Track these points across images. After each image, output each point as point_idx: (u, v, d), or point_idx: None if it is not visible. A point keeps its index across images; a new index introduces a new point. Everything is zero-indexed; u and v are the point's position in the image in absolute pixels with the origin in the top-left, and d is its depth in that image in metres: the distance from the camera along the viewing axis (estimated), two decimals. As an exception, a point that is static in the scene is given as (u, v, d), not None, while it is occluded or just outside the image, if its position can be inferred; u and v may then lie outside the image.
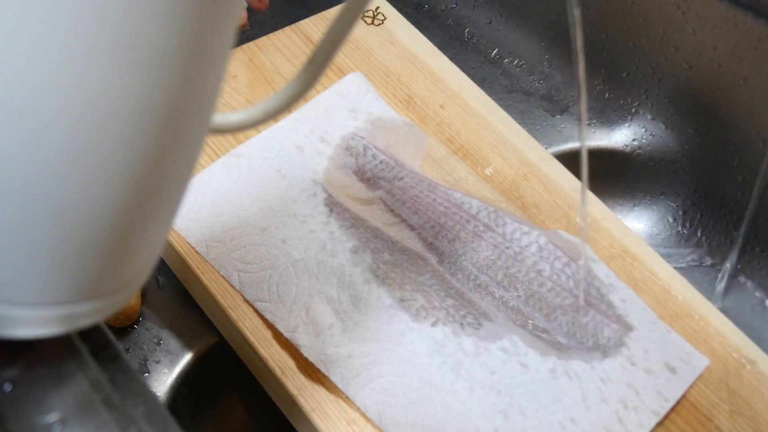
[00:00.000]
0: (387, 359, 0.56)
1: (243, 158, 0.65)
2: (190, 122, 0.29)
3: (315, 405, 0.55)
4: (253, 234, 0.61)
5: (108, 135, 0.27)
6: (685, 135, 0.79)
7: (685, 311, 0.63)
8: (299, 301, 0.58)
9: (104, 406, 0.31)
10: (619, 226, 0.67)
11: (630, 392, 0.57)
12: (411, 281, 0.59)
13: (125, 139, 0.27)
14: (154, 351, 0.63)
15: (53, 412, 0.31)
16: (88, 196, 0.28)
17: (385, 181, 0.66)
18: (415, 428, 0.54)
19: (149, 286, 0.66)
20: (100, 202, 0.28)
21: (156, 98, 0.27)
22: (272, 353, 0.57)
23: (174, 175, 0.31)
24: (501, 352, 0.57)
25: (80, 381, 0.32)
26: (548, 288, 0.61)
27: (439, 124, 0.72)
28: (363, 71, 0.74)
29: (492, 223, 0.64)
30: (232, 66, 0.73)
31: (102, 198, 0.28)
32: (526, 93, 0.85)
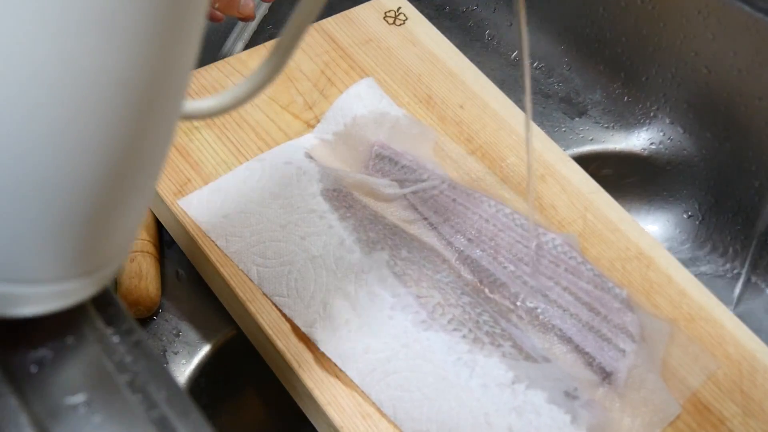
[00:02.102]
0: (403, 355, 0.57)
1: (266, 162, 0.66)
2: (163, 97, 0.31)
3: (331, 398, 0.56)
4: (273, 230, 0.62)
5: (85, 109, 0.28)
6: (703, 139, 0.79)
7: (700, 314, 0.63)
8: (317, 296, 0.59)
9: (128, 389, 0.32)
10: (636, 228, 0.68)
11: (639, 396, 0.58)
12: (428, 278, 0.60)
13: (102, 112, 0.28)
14: (173, 342, 0.63)
15: (78, 394, 0.32)
16: (69, 170, 0.29)
17: (407, 182, 0.67)
18: (429, 424, 0.54)
19: (169, 278, 0.67)
20: (80, 175, 0.29)
21: (130, 73, 0.28)
22: (289, 346, 0.57)
23: (149, 150, 0.32)
24: (515, 350, 0.57)
25: (105, 364, 0.33)
26: (563, 287, 0.61)
27: (458, 124, 0.72)
28: (383, 70, 0.75)
29: (511, 222, 0.65)
30: (254, 62, 0.73)
31: (82, 171, 0.29)
32: (545, 95, 0.85)
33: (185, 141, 0.67)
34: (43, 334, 0.33)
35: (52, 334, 0.33)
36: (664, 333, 0.61)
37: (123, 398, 0.32)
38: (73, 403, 0.31)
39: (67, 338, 0.33)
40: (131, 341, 0.34)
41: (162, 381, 0.33)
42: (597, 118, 0.84)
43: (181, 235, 0.64)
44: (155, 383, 0.33)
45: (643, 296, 0.64)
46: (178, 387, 0.33)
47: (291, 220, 0.62)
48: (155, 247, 0.66)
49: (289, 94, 0.72)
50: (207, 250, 0.61)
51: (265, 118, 0.70)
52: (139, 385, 0.32)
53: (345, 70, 0.74)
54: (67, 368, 0.32)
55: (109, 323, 0.34)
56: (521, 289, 0.61)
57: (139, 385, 0.32)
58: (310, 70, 0.74)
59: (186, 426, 0.32)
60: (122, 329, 0.34)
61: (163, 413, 0.32)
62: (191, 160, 0.66)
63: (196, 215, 0.63)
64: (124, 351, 0.33)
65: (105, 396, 0.32)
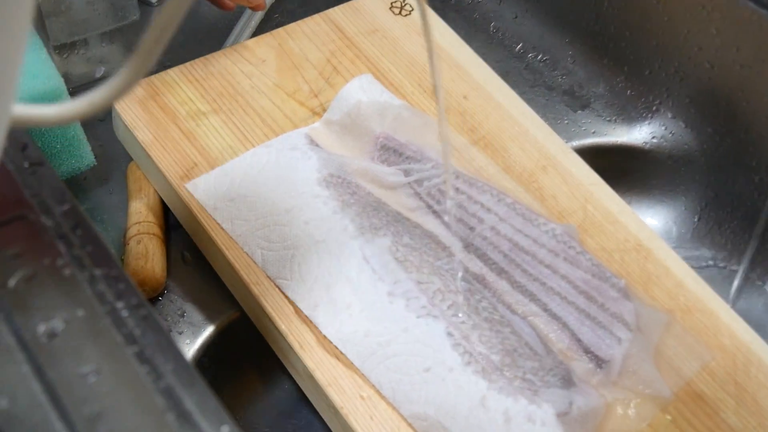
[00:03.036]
0: (402, 339, 0.58)
1: (272, 148, 0.67)
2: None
3: (331, 380, 0.57)
4: (278, 214, 0.63)
5: None
6: (705, 134, 0.80)
7: (696, 306, 0.64)
8: (320, 280, 0.60)
9: (137, 360, 0.33)
10: (635, 220, 0.68)
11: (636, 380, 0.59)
12: (429, 265, 0.61)
13: None
14: (178, 323, 0.64)
15: (89, 364, 0.33)
16: None
17: (411, 171, 0.68)
18: (427, 406, 0.55)
19: (175, 260, 0.68)
20: None
21: None
22: (292, 328, 0.58)
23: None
24: (514, 336, 0.58)
25: (115, 336, 0.34)
26: (562, 275, 0.62)
27: (462, 114, 0.73)
28: (389, 60, 0.76)
29: (512, 212, 0.66)
30: (261, 50, 0.74)
31: None
32: (549, 88, 0.86)
33: (192, 126, 0.68)
34: (55, 307, 0.34)
35: (64, 306, 0.34)
36: (660, 323, 0.62)
37: (131, 369, 0.33)
38: (83, 372, 0.32)
39: (78, 311, 0.34)
40: (139, 315, 0.35)
41: (169, 354, 0.34)
42: (600, 111, 0.85)
43: (186, 217, 0.65)
44: (162, 356, 0.34)
45: (640, 287, 0.65)
46: (185, 360, 0.34)
47: (295, 205, 0.63)
48: (161, 229, 0.67)
49: (295, 81, 0.73)
50: (212, 233, 0.62)
51: (271, 105, 0.71)
52: (147, 357, 0.33)
53: (351, 59, 0.75)
54: (78, 339, 0.33)
55: (119, 298, 0.36)
56: (520, 277, 0.62)
57: (147, 357, 0.33)
58: (316, 58, 0.75)
59: (191, 396, 0.33)
60: (131, 304, 0.36)
61: (170, 384, 0.33)
62: (198, 144, 0.67)
63: (202, 198, 0.64)
64: (132, 324, 0.34)
65: (114, 366, 0.33)
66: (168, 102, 0.69)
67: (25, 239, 0.37)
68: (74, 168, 0.69)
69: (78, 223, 0.38)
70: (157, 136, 0.67)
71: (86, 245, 0.37)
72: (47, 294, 0.34)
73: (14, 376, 0.32)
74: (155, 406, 0.32)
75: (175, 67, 0.72)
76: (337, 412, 0.56)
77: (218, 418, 0.32)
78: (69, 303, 0.34)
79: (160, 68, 0.73)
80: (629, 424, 0.57)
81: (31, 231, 0.37)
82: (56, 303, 0.34)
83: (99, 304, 0.35)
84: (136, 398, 0.32)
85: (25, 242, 0.37)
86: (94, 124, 0.76)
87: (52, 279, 0.36)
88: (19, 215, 0.38)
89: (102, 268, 0.36)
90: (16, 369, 0.32)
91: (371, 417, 0.55)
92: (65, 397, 0.32)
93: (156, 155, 0.66)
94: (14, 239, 0.37)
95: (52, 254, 0.36)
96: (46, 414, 0.31)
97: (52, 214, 0.38)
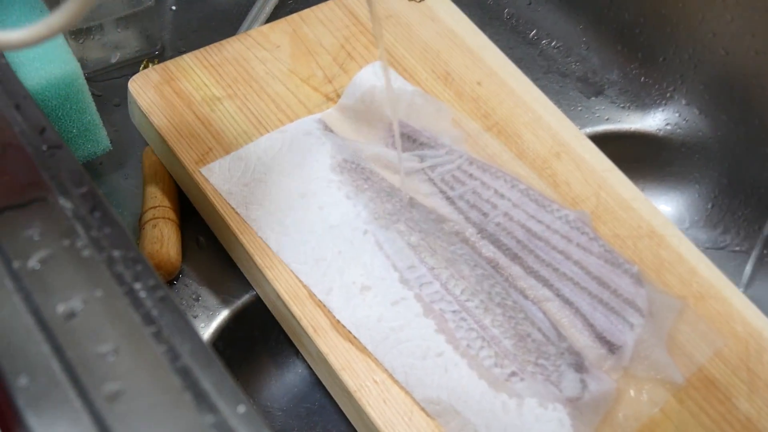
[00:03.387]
0: (415, 324, 0.58)
1: (287, 133, 0.67)
2: None
3: (345, 363, 0.57)
4: (292, 199, 0.63)
5: None
6: (719, 121, 0.80)
7: (709, 293, 0.64)
8: (334, 265, 0.60)
9: (154, 340, 0.33)
10: (648, 206, 0.68)
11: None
12: (443, 250, 0.61)
13: None
14: (193, 306, 0.65)
15: (107, 343, 0.33)
16: None
17: (425, 157, 0.68)
18: (440, 390, 0.56)
19: (190, 244, 0.68)
20: None
21: None
22: (305, 312, 0.59)
23: None
24: (527, 321, 0.59)
25: (132, 316, 0.34)
26: (574, 261, 0.63)
27: (475, 101, 0.73)
28: (402, 46, 0.76)
29: (525, 198, 0.66)
30: (276, 36, 0.75)
31: None
32: (563, 74, 0.86)
33: (207, 111, 0.68)
34: (74, 287, 0.35)
35: (83, 287, 0.35)
36: (673, 309, 0.62)
37: (149, 348, 0.33)
38: (102, 351, 0.33)
39: (96, 291, 0.35)
40: (157, 297, 0.36)
41: (186, 334, 0.34)
42: (613, 98, 0.85)
43: (201, 202, 0.66)
44: (179, 336, 0.34)
45: (653, 274, 0.65)
46: (201, 340, 0.34)
47: (310, 190, 0.64)
48: (176, 214, 0.68)
49: (309, 67, 0.73)
50: (227, 218, 0.63)
51: (286, 90, 0.71)
52: (164, 337, 0.34)
53: (365, 44, 0.76)
54: (97, 319, 0.34)
55: (137, 279, 0.36)
56: (533, 263, 0.63)
57: (165, 337, 0.34)
58: (330, 44, 0.75)
59: (208, 377, 0.33)
60: (149, 285, 0.36)
61: (187, 364, 0.33)
62: (213, 130, 0.67)
63: (217, 183, 0.64)
64: (150, 305, 0.35)
65: (132, 346, 0.33)
66: (183, 87, 0.70)
67: (43, 221, 0.37)
68: (90, 153, 0.69)
69: (96, 205, 0.38)
70: (173, 121, 0.67)
71: (104, 227, 0.38)
72: (66, 275, 0.34)
73: (34, 356, 0.33)
74: (173, 386, 0.33)
75: (190, 53, 0.72)
76: (351, 395, 0.56)
77: (235, 398, 0.33)
78: (87, 284, 0.35)
79: (175, 54, 0.73)
80: (641, 408, 0.57)
81: (50, 213, 0.38)
82: (75, 283, 0.35)
83: (117, 284, 0.35)
84: (153, 377, 0.33)
85: (43, 224, 0.37)
86: (109, 110, 0.76)
87: (70, 260, 0.36)
88: (38, 197, 0.38)
89: (120, 249, 0.37)
90: (35, 348, 0.33)
91: (384, 401, 0.56)
92: (84, 376, 0.32)
93: (171, 140, 0.66)
94: (33, 221, 0.37)
95: (70, 236, 0.37)
96: (66, 392, 0.32)
97: (71, 196, 0.39)
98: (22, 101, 0.43)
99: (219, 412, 0.32)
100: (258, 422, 0.32)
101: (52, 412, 0.31)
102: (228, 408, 0.32)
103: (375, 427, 0.55)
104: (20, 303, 0.34)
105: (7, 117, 0.42)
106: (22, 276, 0.35)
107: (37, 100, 0.59)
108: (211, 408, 0.32)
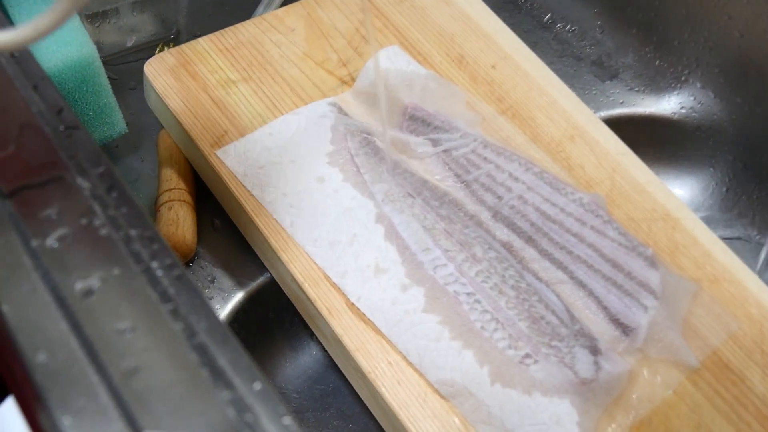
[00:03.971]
0: (429, 306, 0.58)
1: (302, 116, 0.68)
2: None
3: (359, 345, 0.57)
4: (307, 182, 0.64)
5: None
6: (734, 105, 0.80)
7: (723, 276, 0.64)
8: (348, 248, 0.61)
9: (171, 317, 0.34)
10: (663, 190, 0.68)
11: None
12: (457, 232, 0.61)
13: None
14: (208, 288, 0.65)
15: (125, 320, 0.33)
16: None
17: (439, 141, 0.68)
18: (453, 372, 0.56)
19: (205, 227, 0.69)
20: None
21: None
22: (320, 294, 0.59)
23: None
24: (540, 303, 0.59)
25: (150, 294, 0.35)
26: (588, 243, 0.63)
27: (490, 84, 0.73)
28: (417, 29, 0.76)
29: (540, 181, 0.66)
30: (291, 19, 0.75)
31: None
32: (577, 58, 0.86)
33: (222, 94, 0.69)
34: (92, 266, 0.35)
35: (100, 265, 0.35)
36: (687, 292, 0.62)
37: (166, 325, 0.34)
38: (120, 328, 0.33)
39: (114, 269, 0.35)
40: (173, 275, 0.36)
41: (202, 312, 0.35)
42: (628, 81, 0.84)
43: (217, 185, 0.66)
44: (196, 314, 0.35)
45: (667, 257, 0.65)
46: (217, 318, 0.35)
47: (325, 173, 0.64)
48: (192, 196, 0.68)
49: (323, 51, 0.73)
50: (242, 200, 0.63)
51: (300, 73, 0.71)
52: (181, 315, 0.34)
53: (379, 28, 0.76)
54: (114, 296, 0.34)
55: (153, 258, 0.36)
56: (547, 245, 0.63)
57: (182, 315, 0.34)
58: (344, 27, 0.75)
59: (224, 354, 0.33)
60: (165, 264, 0.36)
61: (203, 341, 0.33)
62: (228, 113, 0.68)
63: (232, 165, 0.64)
64: (167, 283, 0.35)
65: (149, 323, 0.34)
66: (198, 71, 0.70)
67: (62, 200, 0.38)
68: (106, 135, 0.70)
69: (113, 185, 0.39)
70: (188, 104, 0.68)
71: (121, 207, 0.38)
72: (84, 253, 0.35)
73: (53, 332, 0.33)
74: (189, 362, 0.33)
75: (206, 36, 0.73)
76: (365, 376, 0.57)
77: (250, 375, 0.33)
78: (105, 262, 0.35)
79: (190, 37, 0.74)
80: (654, 390, 0.58)
81: (68, 192, 0.38)
82: (92, 262, 0.35)
83: (134, 263, 0.36)
84: (170, 354, 0.33)
85: (61, 203, 0.38)
86: (125, 93, 0.77)
87: (88, 239, 0.36)
88: (56, 176, 0.39)
89: (137, 229, 0.37)
90: (54, 325, 0.33)
91: (398, 382, 0.56)
92: (102, 353, 0.33)
93: (186, 123, 0.67)
94: (51, 200, 0.38)
95: (88, 215, 0.37)
96: (84, 368, 0.32)
97: (88, 176, 0.39)
98: (39, 82, 0.44)
99: (235, 389, 0.32)
100: (274, 399, 0.33)
101: (70, 387, 0.32)
102: (244, 385, 0.33)
103: (389, 408, 0.55)
104: (39, 281, 0.35)
105: (25, 97, 0.42)
106: (41, 254, 0.35)
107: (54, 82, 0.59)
108: (227, 384, 0.33)
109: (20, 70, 0.44)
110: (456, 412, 0.55)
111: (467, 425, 0.55)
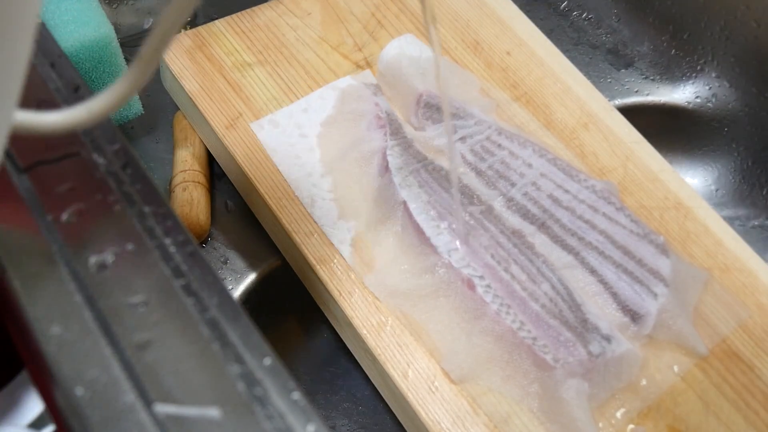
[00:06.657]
0: (443, 292, 0.59)
1: (339, 91, 0.68)
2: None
3: (370, 328, 0.58)
4: (334, 162, 0.64)
5: None
6: (749, 94, 0.79)
7: (734, 265, 0.64)
8: (365, 232, 0.61)
9: (183, 292, 0.34)
10: (676, 178, 0.68)
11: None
12: (471, 219, 0.62)
13: None
14: (221, 269, 0.66)
15: (138, 294, 0.34)
16: None
17: (455, 128, 0.68)
18: (466, 356, 0.56)
19: (219, 208, 0.69)
20: None
21: None
22: (332, 276, 0.60)
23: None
24: (551, 289, 0.59)
25: (163, 269, 0.35)
26: (600, 230, 0.63)
27: (504, 71, 0.73)
28: (433, 15, 0.76)
29: (553, 167, 0.66)
30: (307, 3, 0.75)
31: None
32: (593, 46, 0.86)
33: (238, 77, 0.69)
34: (106, 240, 0.36)
35: (114, 240, 0.36)
36: (698, 280, 0.62)
37: (178, 300, 0.34)
38: (133, 302, 0.34)
39: (128, 244, 0.36)
40: (186, 252, 0.36)
41: (214, 288, 0.35)
42: (643, 70, 0.84)
43: (231, 166, 0.66)
44: (208, 290, 0.35)
45: (679, 245, 0.65)
46: (229, 294, 0.35)
47: (351, 155, 0.64)
48: (206, 178, 0.69)
49: (339, 34, 0.74)
50: (256, 182, 0.63)
51: (316, 57, 0.72)
52: (193, 290, 0.34)
53: (395, 13, 0.76)
54: (128, 271, 0.35)
55: (167, 234, 0.37)
56: (559, 231, 0.63)
57: (194, 290, 0.34)
58: (360, 12, 0.75)
59: (235, 329, 0.34)
60: (178, 240, 0.37)
61: (215, 316, 0.34)
62: (243, 95, 0.68)
63: (264, 139, 0.65)
64: (180, 259, 0.36)
65: (162, 297, 0.34)
66: (214, 53, 0.70)
67: (77, 175, 0.38)
68: (122, 116, 0.70)
69: (128, 162, 0.39)
70: (204, 86, 0.68)
71: (136, 183, 0.38)
72: (98, 228, 0.35)
73: (67, 305, 0.34)
74: (201, 336, 0.33)
75: (222, 19, 0.73)
76: (375, 359, 0.57)
77: (261, 351, 0.34)
78: (119, 237, 0.36)
79: (207, 20, 0.74)
80: (663, 376, 0.58)
81: (84, 168, 0.39)
82: (107, 237, 0.36)
83: (148, 238, 0.36)
84: (182, 328, 0.34)
85: (77, 178, 0.38)
86: (141, 75, 0.77)
87: (102, 214, 0.37)
88: (72, 152, 0.39)
89: (151, 205, 0.38)
90: (68, 298, 0.34)
91: (408, 365, 0.57)
92: (115, 326, 0.33)
93: (202, 105, 0.67)
94: (67, 175, 0.38)
95: (103, 190, 0.38)
96: (97, 340, 0.33)
97: (104, 152, 0.39)
98: (57, 60, 0.44)
99: (245, 363, 0.33)
100: (283, 374, 0.33)
101: (83, 359, 0.32)
102: (254, 360, 0.33)
103: (399, 391, 0.56)
104: (54, 254, 0.35)
105: (42, 75, 0.43)
106: (56, 228, 0.36)
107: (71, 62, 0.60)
108: (237, 359, 0.33)
109: (38, 47, 0.44)
110: (465, 395, 0.56)
111: (477, 409, 0.55)
